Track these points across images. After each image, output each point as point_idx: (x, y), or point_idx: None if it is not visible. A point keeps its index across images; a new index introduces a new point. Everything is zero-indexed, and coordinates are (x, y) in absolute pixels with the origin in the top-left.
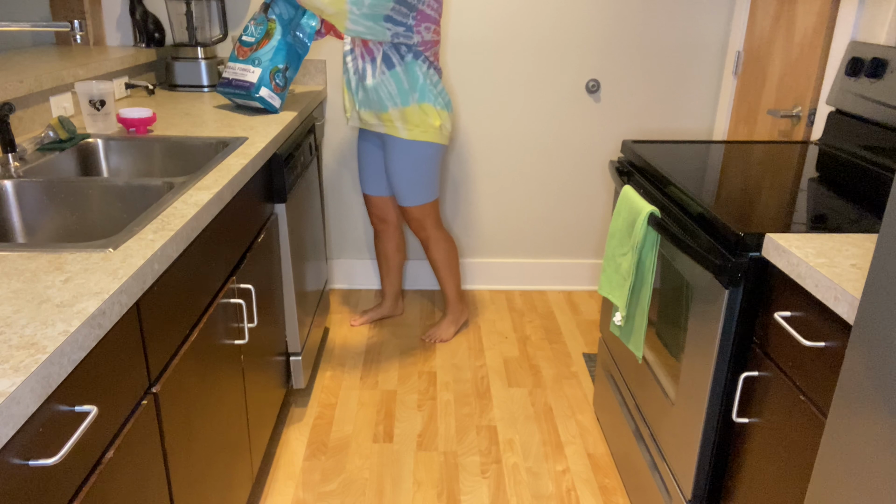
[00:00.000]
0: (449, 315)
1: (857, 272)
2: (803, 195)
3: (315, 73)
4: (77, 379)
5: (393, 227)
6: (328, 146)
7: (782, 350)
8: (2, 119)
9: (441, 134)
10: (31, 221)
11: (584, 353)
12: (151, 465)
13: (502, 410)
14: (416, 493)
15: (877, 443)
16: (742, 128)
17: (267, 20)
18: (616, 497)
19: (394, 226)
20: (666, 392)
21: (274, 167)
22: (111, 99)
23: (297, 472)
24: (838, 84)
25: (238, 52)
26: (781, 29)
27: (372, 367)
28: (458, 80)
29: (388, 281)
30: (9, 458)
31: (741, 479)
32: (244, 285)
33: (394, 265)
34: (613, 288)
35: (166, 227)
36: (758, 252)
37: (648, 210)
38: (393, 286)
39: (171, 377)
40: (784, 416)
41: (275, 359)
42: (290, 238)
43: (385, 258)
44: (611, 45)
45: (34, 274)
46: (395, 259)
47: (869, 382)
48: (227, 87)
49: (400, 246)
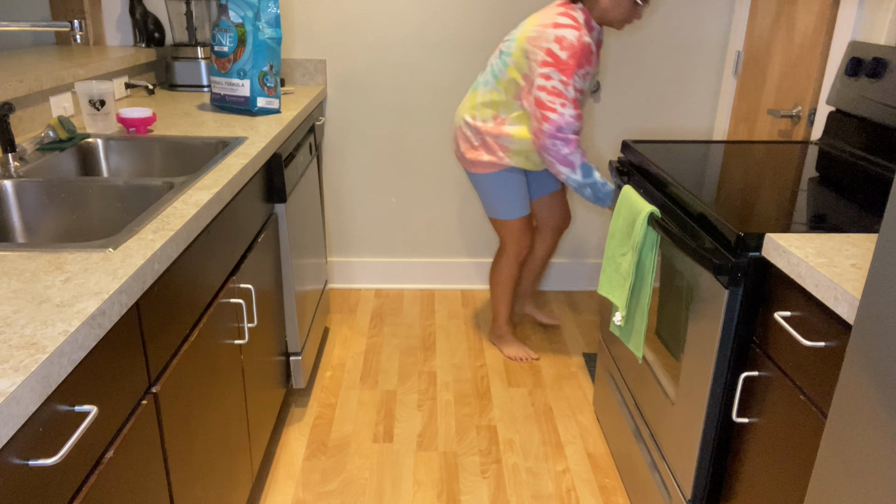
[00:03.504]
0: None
1: (857, 272)
2: (803, 195)
3: (315, 73)
4: (77, 379)
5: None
6: (328, 146)
7: (782, 350)
8: (2, 119)
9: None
10: (31, 221)
11: (584, 353)
12: (151, 464)
13: (502, 410)
14: (416, 493)
15: (877, 443)
16: (742, 128)
17: (234, 25)
18: (616, 497)
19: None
20: (666, 392)
21: (274, 167)
22: (111, 99)
23: (297, 472)
24: (838, 84)
25: (218, 66)
26: (781, 29)
27: (372, 367)
28: (458, 81)
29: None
30: (9, 458)
31: (741, 478)
32: (244, 285)
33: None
34: (613, 288)
35: (166, 227)
36: (758, 252)
37: (648, 210)
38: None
39: (171, 377)
40: (784, 416)
41: (275, 359)
42: (290, 238)
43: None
44: (611, 45)
45: (34, 274)
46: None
47: (869, 382)
48: (223, 102)
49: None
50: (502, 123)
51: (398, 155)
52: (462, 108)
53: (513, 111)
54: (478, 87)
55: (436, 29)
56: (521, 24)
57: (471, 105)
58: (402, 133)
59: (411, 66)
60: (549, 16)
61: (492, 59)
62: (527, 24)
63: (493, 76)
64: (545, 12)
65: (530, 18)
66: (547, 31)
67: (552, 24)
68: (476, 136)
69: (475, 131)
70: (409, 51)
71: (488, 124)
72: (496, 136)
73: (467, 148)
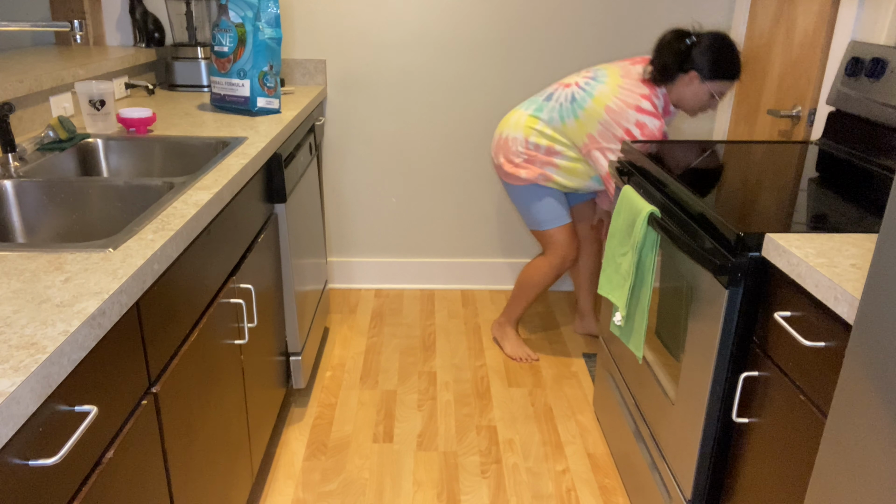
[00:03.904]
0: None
1: (857, 272)
2: (803, 195)
3: (315, 73)
4: (77, 379)
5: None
6: (328, 146)
7: (782, 350)
8: (2, 119)
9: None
10: (31, 221)
11: (584, 353)
12: (151, 464)
13: (502, 410)
14: (416, 494)
15: (877, 443)
16: (742, 128)
17: (234, 25)
18: (616, 497)
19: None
20: (666, 392)
21: (274, 167)
22: (111, 99)
23: (297, 472)
24: (838, 84)
25: (218, 66)
26: (781, 29)
27: (372, 367)
28: (458, 81)
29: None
30: (9, 458)
31: (741, 478)
32: (244, 285)
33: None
34: (613, 288)
35: (166, 227)
36: (758, 252)
37: (648, 210)
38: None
39: (171, 377)
40: (784, 416)
41: (275, 359)
42: (290, 238)
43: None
44: (611, 45)
45: (34, 274)
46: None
47: (869, 382)
48: (222, 102)
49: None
50: (555, 155)
51: (398, 155)
52: (513, 125)
53: (570, 152)
54: (538, 116)
55: (436, 29)
56: (600, 74)
57: (525, 126)
58: (403, 133)
59: (411, 65)
60: (633, 95)
61: (558, 93)
62: (608, 86)
63: (559, 115)
64: (629, 84)
65: (612, 75)
66: (629, 112)
67: (635, 107)
68: (520, 156)
69: (522, 151)
70: (410, 51)
71: (540, 151)
72: (544, 163)
73: (506, 162)
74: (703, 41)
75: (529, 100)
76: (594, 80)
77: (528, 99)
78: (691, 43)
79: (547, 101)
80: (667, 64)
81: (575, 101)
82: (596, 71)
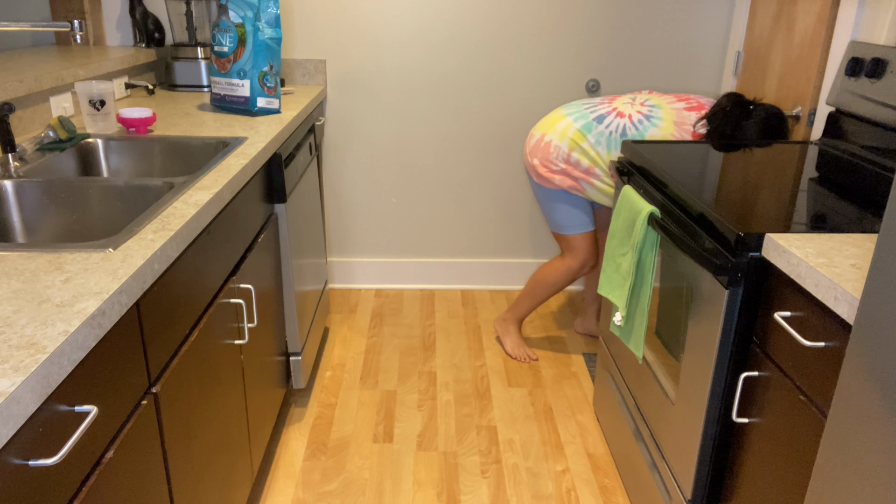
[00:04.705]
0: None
1: (857, 272)
2: (803, 195)
3: (315, 73)
4: (77, 379)
5: None
6: (328, 146)
7: (782, 350)
8: (2, 119)
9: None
10: (31, 221)
11: (584, 353)
12: (151, 465)
13: (502, 410)
14: (416, 493)
15: (877, 443)
16: None
17: (234, 25)
18: (616, 497)
19: None
20: (666, 392)
21: (274, 167)
22: (111, 99)
23: (297, 472)
24: (838, 84)
25: (217, 66)
26: (781, 29)
27: (372, 367)
28: (458, 80)
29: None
30: (9, 458)
31: (741, 479)
32: (244, 285)
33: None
34: (613, 288)
35: (166, 227)
36: (758, 252)
37: (648, 210)
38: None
39: (171, 377)
40: (784, 416)
41: (275, 359)
42: (290, 238)
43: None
44: (611, 45)
45: (34, 274)
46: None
47: (869, 382)
48: (222, 102)
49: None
50: (593, 176)
51: (398, 155)
52: (559, 133)
53: (607, 178)
54: (586, 134)
55: (436, 29)
56: (655, 114)
57: (572, 139)
58: (403, 133)
59: (411, 65)
60: (687, 129)
61: (610, 119)
62: (661, 132)
63: (606, 143)
64: (680, 135)
65: (666, 121)
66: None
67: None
68: (558, 165)
69: (561, 162)
70: (410, 51)
71: (580, 168)
72: (579, 178)
73: (541, 165)
74: (759, 113)
75: (575, 107)
76: (648, 121)
77: (573, 103)
78: (749, 111)
79: (597, 123)
80: (724, 132)
81: (625, 138)
82: (651, 107)
